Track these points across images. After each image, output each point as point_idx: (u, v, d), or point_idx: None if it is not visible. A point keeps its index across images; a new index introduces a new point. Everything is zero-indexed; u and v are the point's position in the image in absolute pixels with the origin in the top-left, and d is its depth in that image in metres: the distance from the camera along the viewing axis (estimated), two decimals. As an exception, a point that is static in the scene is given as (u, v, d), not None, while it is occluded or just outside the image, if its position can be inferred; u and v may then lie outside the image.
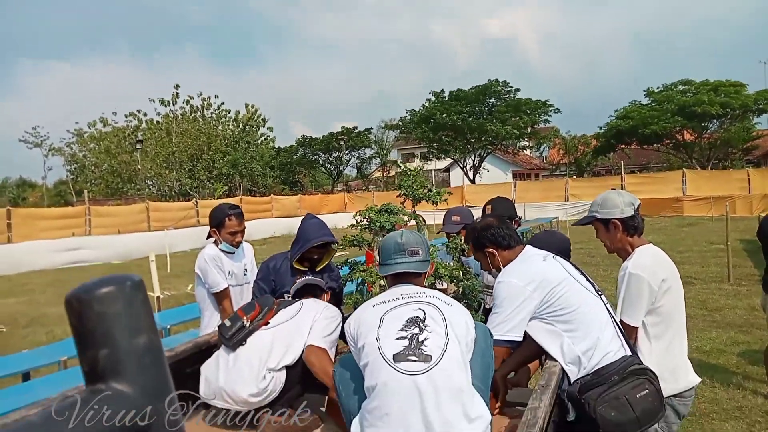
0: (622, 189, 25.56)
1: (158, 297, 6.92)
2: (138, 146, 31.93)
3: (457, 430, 1.80)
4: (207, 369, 2.55)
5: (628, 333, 2.45)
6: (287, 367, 2.50)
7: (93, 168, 38.48)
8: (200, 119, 37.62)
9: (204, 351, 2.82)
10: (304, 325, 2.56)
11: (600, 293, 2.43)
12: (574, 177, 33.98)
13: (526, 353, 2.46)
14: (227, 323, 2.57)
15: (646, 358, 2.40)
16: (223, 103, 38.76)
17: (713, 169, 30.65)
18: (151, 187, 35.67)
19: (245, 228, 3.70)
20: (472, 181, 35.76)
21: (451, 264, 2.90)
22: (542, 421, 1.71)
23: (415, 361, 1.86)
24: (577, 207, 23.63)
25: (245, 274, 3.74)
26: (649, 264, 2.52)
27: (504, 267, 2.50)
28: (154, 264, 6.89)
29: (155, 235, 18.21)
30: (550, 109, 35.58)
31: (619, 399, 2.10)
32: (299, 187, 40.37)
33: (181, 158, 35.04)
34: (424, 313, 1.98)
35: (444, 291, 2.98)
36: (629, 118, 32.34)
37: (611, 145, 35.16)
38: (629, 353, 2.28)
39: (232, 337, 2.51)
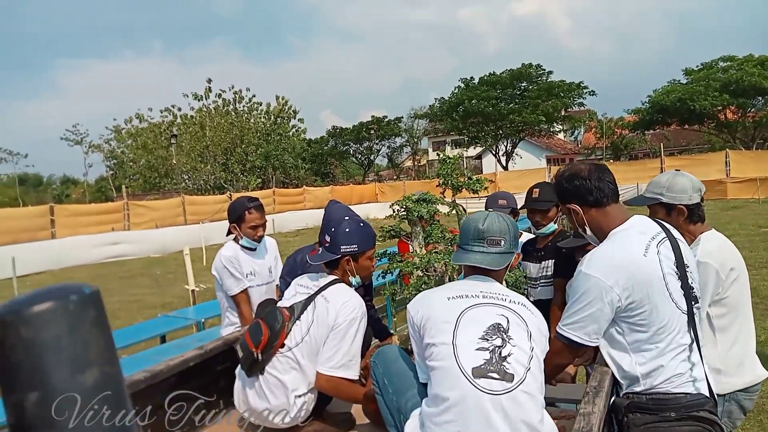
0: (661, 172, 24.70)
1: (193, 290, 6.96)
2: (173, 141, 32.45)
3: None
4: (242, 382, 2.44)
5: None
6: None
7: (131, 163, 39.41)
8: (233, 113, 38.02)
9: (234, 349, 2.75)
10: (319, 344, 2.32)
11: (694, 303, 1.99)
12: (611, 161, 32.99)
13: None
14: (239, 352, 2.40)
15: (710, 351, 2.24)
16: (254, 96, 39.16)
17: (758, 149, 29.33)
18: (187, 181, 36.31)
19: (266, 222, 3.56)
20: (505, 168, 35.18)
21: None
22: (597, 429, 1.56)
23: (496, 378, 1.68)
24: (614, 192, 22.91)
25: (270, 272, 3.59)
26: (718, 252, 2.36)
27: (594, 232, 2.07)
28: (188, 258, 6.92)
29: (191, 228, 18.49)
30: (585, 91, 34.61)
31: None
32: (331, 178, 40.45)
33: (215, 152, 35.50)
34: (508, 322, 1.78)
35: None
36: (669, 96, 31.01)
37: (653, 121, 33.64)
38: (707, 393, 1.93)
39: (250, 369, 2.35)
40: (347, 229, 2.46)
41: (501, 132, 35.67)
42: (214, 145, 35.39)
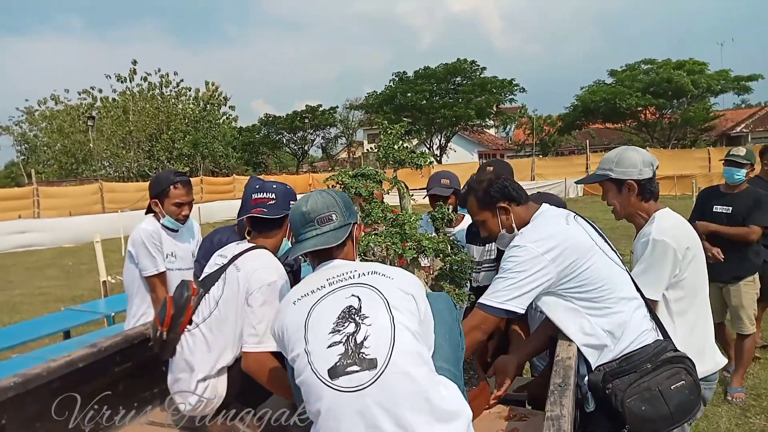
0: (587, 168, 25.78)
1: (104, 282, 6.31)
2: (90, 123, 30.30)
3: None
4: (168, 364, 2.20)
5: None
6: (228, 368, 2.09)
7: (45, 148, 36.60)
8: (159, 97, 36.19)
9: (137, 345, 2.34)
10: (230, 319, 2.07)
11: (623, 265, 2.09)
12: (540, 156, 34.04)
13: (543, 338, 2.13)
14: (149, 334, 2.17)
15: None
16: (182, 81, 37.40)
17: (674, 149, 31.11)
18: (108, 168, 34.22)
19: (193, 200, 3.18)
20: (439, 161, 35.51)
21: (435, 236, 2.46)
22: (568, 434, 1.31)
23: (357, 371, 1.44)
24: (543, 186, 23.62)
25: (193, 257, 3.17)
26: (673, 230, 2.22)
27: (517, 227, 2.11)
28: (99, 245, 6.29)
29: (109, 217, 17.28)
30: (516, 88, 35.53)
31: (651, 390, 1.82)
32: (263, 168, 39.34)
33: (139, 138, 33.70)
34: (359, 300, 1.55)
35: (428, 268, 2.57)
36: (595, 95, 32.43)
37: (578, 123, 35.27)
38: (661, 337, 1.99)
39: (161, 350, 2.12)
40: (289, 188, 2.36)
41: (434, 126, 35.98)
42: (138, 131, 33.56)
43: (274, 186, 2.33)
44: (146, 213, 3.16)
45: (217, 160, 36.30)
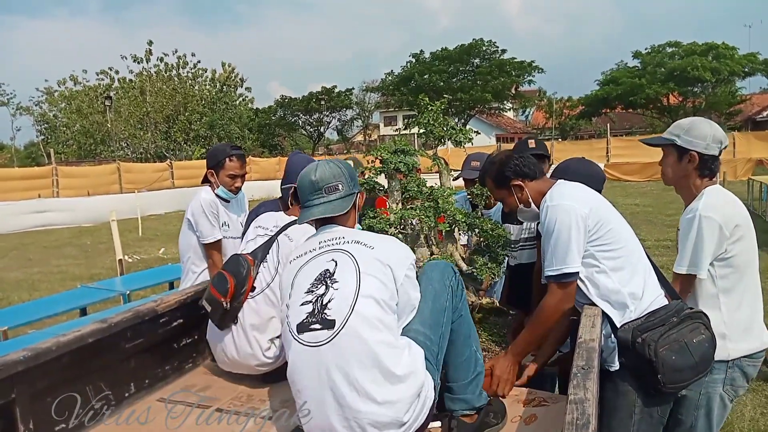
0: (607, 153, 25.39)
1: (120, 260, 6.34)
2: (107, 103, 30.48)
3: (377, 398, 1.52)
4: (216, 338, 2.31)
5: (687, 285, 2.17)
6: None
7: (64, 129, 36.99)
8: (176, 78, 36.24)
9: (148, 321, 2.30)
10: None
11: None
12: (559, 140, 33.58)
13: (562, 329, 2.10)
14: (207, 307, 2.25)
15: (714, 314, 2.09)
16: (199, 62, 37.42)
17: (697, 134, 30.45)
18: (125, 149, 34.49)
19: (246, 173, 3.32)
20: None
21: (470, 212, 2.47)
22: (594, 419, 1.23)
23: (318, 329, 1.60)
24: (562, 170, 23.33)
25: (242, 227, 3.32)
26: (722, 206, 2.17)
27: (534, 202, 2.17)
28: (115, 224, 6.31)
29: (127, 197, 17.42)
30: (535, 69, 34.94)
31: (679, 342, 1.89)
32: (279, 150, 39.37)
33: (156, 119, 33.87)
34: (336, 265, 1.69)
35: (464, 246, 2.55)
36: (617, 84, 31.85)
37: (597, 110, 34.80)
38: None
39: (221, 321, 2.24)
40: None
41: (452, 108, 35.63)
42: (155, 112, 33.72)
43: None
44: (202, 183, 3.31)
45: (234, 142, 36.32)
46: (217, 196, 3.22)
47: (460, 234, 2.60)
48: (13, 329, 4.46)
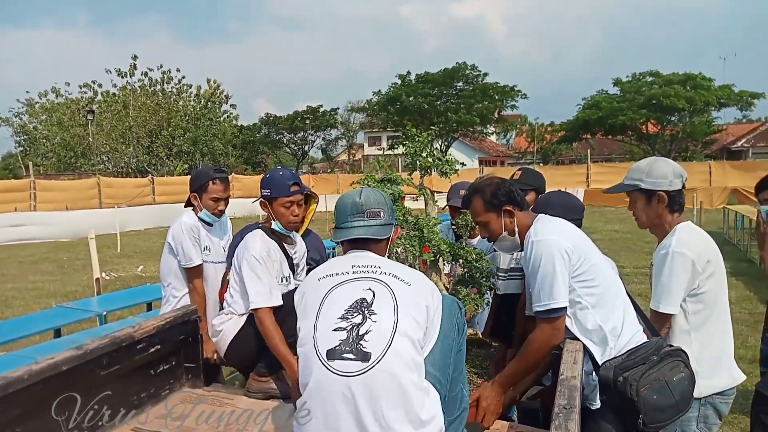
0: (587, 178, 25.74)
1: (97, 279, 6.22)
2: (90, 117, 30.16)
3: None
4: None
5: (662, 322, 2.19)
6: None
7: (44, 141, 36.46)
8: (160, 93, 36.05)
9: (125, 348, 2.25)
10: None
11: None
12: (540, 165, 34.02)
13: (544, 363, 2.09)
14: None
15: (685, 351, 2.10)
16: (184, 77, 37.31)
17: (674, 161, 31.08)
18: (106, 162, 34.10)
19: (229, 196, 3.30)
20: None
21: (455, 243, 2.46)
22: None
23: (351, 359, 1.56)
24: (543, 194, 23.58)
25: (224, 251, 3.30)
26: (695, 243, 2.22)
27: (519, 232, 2.19)
28: (93, 242, 6.19)
29: (106, 212, 17.18)
30: (518, 94, 35.48)
31: (660, 381, 1.89)
32: (262, 167, 39.25)
33: (138, 134, 33.58)
34: (373, 295, 1.65)
35: (447, 275, 2.55)
36: (598, 108, 32.50)
37: (578, 135, 35.43)
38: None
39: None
40: (267, 175, 2.67)
41: (436, 129, 36.00)
42: (137, 126, 33.44)
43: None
44: (185, 206, 3.29)
45: (217, 158, 36.21)
46: (201, 219, 3.21)
47: (444, 263, 2.61)
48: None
